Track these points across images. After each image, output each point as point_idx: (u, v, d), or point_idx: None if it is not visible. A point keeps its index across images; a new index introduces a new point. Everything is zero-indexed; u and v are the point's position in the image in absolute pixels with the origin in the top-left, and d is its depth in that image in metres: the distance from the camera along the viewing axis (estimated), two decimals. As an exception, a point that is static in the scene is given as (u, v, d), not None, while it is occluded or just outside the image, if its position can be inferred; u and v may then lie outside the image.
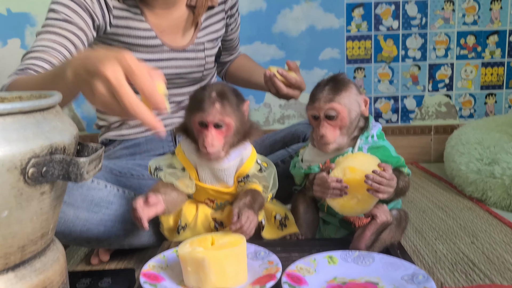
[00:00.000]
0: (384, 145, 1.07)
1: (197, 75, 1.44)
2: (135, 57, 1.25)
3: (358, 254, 0.97)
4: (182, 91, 1.45)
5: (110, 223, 1.12)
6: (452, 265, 1.20)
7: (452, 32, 2.26)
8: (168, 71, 1.38)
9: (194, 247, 0.88)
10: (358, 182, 0.97)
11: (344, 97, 1.03)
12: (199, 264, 0.85)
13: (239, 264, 0.87)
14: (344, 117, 1.03)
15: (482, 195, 1.69)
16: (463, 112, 2.34)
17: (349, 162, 1.00)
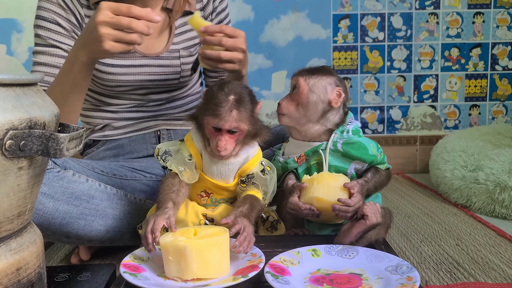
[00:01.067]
0: (359, 141, 1.07)
1: (173, 82, 1.42)
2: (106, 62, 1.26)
3: (342, 247, 0.97)
4: (160, 96, 1.43)
5: (91, 217, 1.10)
6: (437, 265, 1.19)
7: (436, 44, 2.31)
8: (141, 78, 1.36)
9: (176, 237, 0.87)
10: (325, 210, 1.01)
11: (313, 78, 1.07)
12: (181, 253, 0.83)
13: (221, 254, 0.86)
14: (302, 93, 1.06)
15: (467, 201, 1.69)
16: (448, 123, 2.37)
17: (315, 192, 1.02)
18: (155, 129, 1.45)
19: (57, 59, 1.28)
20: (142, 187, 1.38)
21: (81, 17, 1.30)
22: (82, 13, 1.30)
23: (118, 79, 1.34)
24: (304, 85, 1.06)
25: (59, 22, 1.27)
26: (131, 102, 1.42)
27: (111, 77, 1.34)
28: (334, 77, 1.08)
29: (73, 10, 1.28)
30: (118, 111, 1.42)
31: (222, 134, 0.97)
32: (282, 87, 2.32)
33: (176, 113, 1.48)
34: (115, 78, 1.34)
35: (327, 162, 1.07)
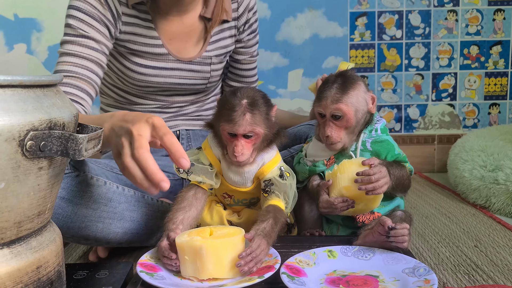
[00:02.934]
0: (387, 139, 1.08)
1: (200, 87, 1.44)
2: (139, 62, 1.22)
3: (358, 248, 0.96)
4: (184, 99, 1.45)
5: (109, 220, 1.11)
6: (455, 267, 1.18)
7: (455, 42, 2.27)
8: (171, 80, 1.38)
9: (192, 237, 0.87)
10: (356, 196, 1.00)
11: (351, 96, 1.03)
12: (197, 253, 0.84)
13: (237, 254, 0.86)
14: (350, 118, 1.03)
15: (485, 202, 1.67)
16: (467, 122, 2.34)
17: (341, 183, 1.01)
18: (175, 129, 1.46)
19: (87, 50, 1.22)
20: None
21: (117, 14, 1.28)
22: (120, 11, 1.28)
23: (148, 80, 1.36)
24: (350, 111, 1.02)
25: (94, 16, 1.24)
26: (155, 103, 1.43)
27: (142, 77, 1.35)
28: (362, 83, 1.06)
29: (110, 6, 1.26)
30: (142, 110, 1.43)
31: (238, 139, 0.96)
32: (298, 85, 2.31)
33: (196, 114, 1.49)
34: (145, 79, 1.36)
35: None
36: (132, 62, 1.33)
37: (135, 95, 1.42)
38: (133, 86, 1.38)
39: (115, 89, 1.44)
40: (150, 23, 1.33)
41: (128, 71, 1.34)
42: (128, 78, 1.36)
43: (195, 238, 0.86)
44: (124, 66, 1.35)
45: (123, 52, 1.33)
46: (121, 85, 1.41)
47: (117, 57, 1.35)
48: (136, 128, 0.82)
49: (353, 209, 1.02)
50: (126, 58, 1.34)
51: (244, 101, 0.95)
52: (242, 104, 0.95)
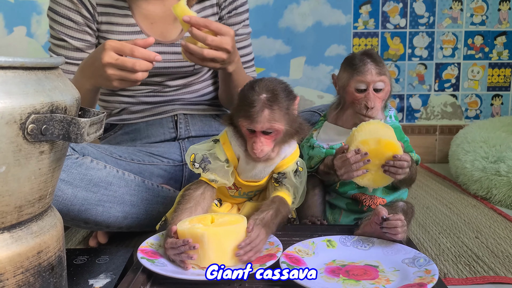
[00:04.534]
0: (399, 126, 1.09)
1: (188, 69, 1.40)
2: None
3: (357, 238, 0.96)
4: (176, 83, 1.42)
5: (109, 204, 1.10)
6: (456, 258, 1.18)
7: (459, 31, 2.25)
8: (156, 65, 1.34)
9: (194, 224, 0.86)
10: (374, 151, 0.96)
11: (387, 70, 1.07)
12: (198, 240, 0.83)
13: (238, 242, 0.86)
14: (388, 90, 1.07)
15: (487, 193, 1.67)
16: (469, 113, 2.32)
17: (358, 137, 0.98)
18: (172, 113, 1.44)
19: (67, 52, 1.30)
20: (160, 172, 1.39)
21: (92, 7, 1.29)
22: (93, 3, 1.29)
23: None
24: (388, 81, 1.06)
25: (70, 17, 1.27)
26: (147, 88, 1.41)
27: None
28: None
29: (84, 2, 1.28)
30: (135, 95, 1.42)
31: (257, 136, 0.92)
32: (300, 73, 2.29)
33: (193, 98, 1.47)
34: None
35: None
36: None
37: None
38: None
39: None
40: (127, 10, 1.31)
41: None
42: None
43: (197, 226, 0.85)
44: None
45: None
46: None
47: None
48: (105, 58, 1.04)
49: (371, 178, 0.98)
50: None
51: (263, 96, 0.90)
52: (261, 99, 0.89)
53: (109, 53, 1.04)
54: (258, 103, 0.90)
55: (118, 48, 1.04)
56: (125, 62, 1.03)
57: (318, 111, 1.31)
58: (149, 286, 0.82)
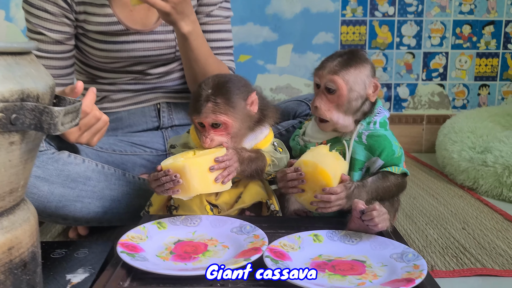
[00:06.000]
0: (384, 135, 1.01)
1: (169, 56, 1.36)
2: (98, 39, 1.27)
3: (344, 233, 0.94)
4: (157, 71, 1.37)
5: (88, 199, 1.06)
6: (443, 249, 1.17)
7: (448, 20, 2.23)
8: (136, 54, 1.31)
9: (176, 158, 0.91)
10: (311, 175, 0.94)
11: (350, 73, 0.98)
12: (181, 172, 0.88)
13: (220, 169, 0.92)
14: (342, 94, 0.97)
15: (473, 184, 1.66)
16: (456, 102, 2.32)
17: (303, 156, 0.96)
18: (154, 102, 1.41)
19: (46, 46, 1.24)
20: (143, 162, 1.35)
21: None
22: None
23: (111, 56, 1.30)
24: (344, 85, 0.97)
25: (46, 8, 1.21)
26: (128, 76, 1.37)
27: (104, 53, 1.29)
28: (369, 66, 1.00)
29: None
30: (116, 83, 1.38)
31: (205, 129, 0.95)
32: (287, 61, 2.26)
33: (175, 86, 1.43)
34: (108, 55, 1.29)
35: (350, 152, 1.02)
36: (92, 39, 1.28)
37: (104, 70, 1.36)
38: (99, 62, 1.33)
39: (84, 67, 1.38)
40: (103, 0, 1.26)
41: (89, 48, 1.30)
42: (93, 56, 1.31)
43: (179, 159, 0.90)
44: (86, 44, 1.30)
45: (83, 32, 1.28)
46: (87, 61, 1.36)
47: (80, 37, 1.30)
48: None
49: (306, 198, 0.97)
50: (87, 36, 1.28)
51: (208, 91, 0.93)
52: (206, 93, 0.93)
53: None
54: (202, 97, 0.93)
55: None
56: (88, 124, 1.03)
57: (305, 100, 1.28)
58: (129, 281, 0.79)
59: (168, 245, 0.90)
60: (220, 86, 0.93)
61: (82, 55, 1.35)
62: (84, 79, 1.41)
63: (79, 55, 1.37)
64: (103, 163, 1.19)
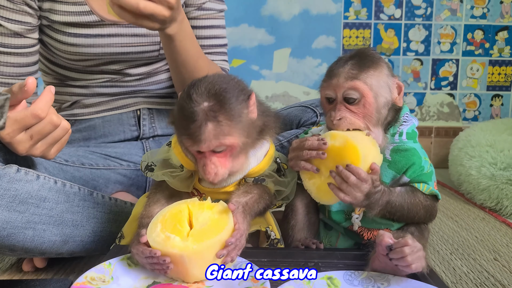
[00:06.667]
0: (413, 148, 0.82)
1: (152, 54, 1.17)
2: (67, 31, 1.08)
3: (367, 274, 0.73)
4: (138, 71, 1.19)
5: (41, 225, 0.85)
6: (477, 287, 0.97)
7: (459, 25, 2.08)
8: (112, 50, 1.12)
9: (168, 236, 0.70)
10: (336, 150, 0.76)
11: (372, 76, 0.79)
12: (177, 260, 0.69)
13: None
14: (369, 102, 0.78)
15: (496, 204, 1.47)
16: (467, 114, 2.15)
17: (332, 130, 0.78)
18: (134, 107, 1.22)
19: (2, 38, 1.04)
20: (118, 178, 1.17)
21: None
22: None
23: (82, 52, 1.10)
24: (368, 91, 0.78)
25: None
26: (103, 77, 1.18)
27: (74, 49, 1.10)
28: (384, 64, 0.82)
29: None
30: (89, 85, 1.19)
31: (206, 157, 0.72)
32: (284, 66, 2.11)
33: (159, 89, 1.25)
34: (79, 51, 1.10)
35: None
36: (59, 32, 1.09)
37: (75, 70, 1.17)
38: (69, 60, 1.14)
39: (52, 66, 1.19)
40: None
41: (58, 44, 1.10)
42: (60, 51, 1.12)
43: (173, 241, 0.69)
44: (52, 38, 1.11)
45: (48, 23, 1.08)
46: (56, 60, 1.17)
47: (44, 29, 1.11)
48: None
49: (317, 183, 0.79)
50: (53, 28, 1.09)
51: (204, 105, 0.69)
52: (202, 110, 0.69)
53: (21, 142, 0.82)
54: (198, 115, 0.69)
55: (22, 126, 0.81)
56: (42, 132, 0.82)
57: (311, 106, 1.09)
58: None
59: (139, 289, 0.70)
60: (218, 97, 0.70)
61: (48, 52, 1.16)
62: (52, 81, 1.22)
63: (44, 52, 1.17)
64: (69, 179, 1.00)
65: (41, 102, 0.80)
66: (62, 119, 0.83)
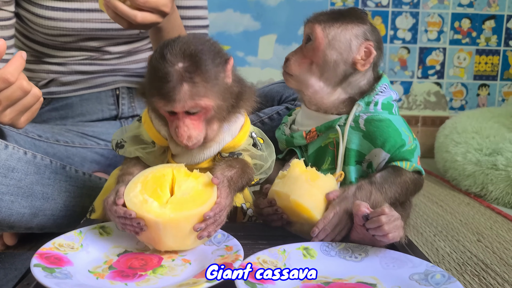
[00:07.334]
0: (388, 119, 0.79)
1: (133, 33, 1.14)
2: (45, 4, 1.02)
3: (344, 245, 0.71)
4: (118, 49, 1.15)
5: (9, 197, 0.82)
6: (460, 266, 0.95)
7: (446, 13, 2.05)
8: (91, 26, 1.09)
9: (146, 199, 0.67)
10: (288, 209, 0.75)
11: (334, 27, 0.79)
12: (152, 226, 0.66)
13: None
14: (317, 48, 0.79)
15: (481, 190, 1.46)
16: (454, 103, 2.13)
17: (275, 185, 0.77)
18: (112, 86, 1.19)
19: None
20: (94, 157, 1.13)
21: None
22: None
23: (61, 27, 1.07)
24: (322, 37, 0.79)
25: None
26: (82, 54, 1.14)
27: (52, 23, 1.06)
28: (364, 26, 0.80)
29: None
30: (67, 63, 1.15)
31: (179, 118, 0.68)
32: (270, 53, 2.06)
33: (139, 69, 1.21)
34: (57, 25, 1.06)
35: (345, 142, 0.80)
36: (36, 4, 1.05)
37: (53, 47, 1.13)
38: (45, 35, 1.10)
39: (28, 42, 1.15)
40: None
41: (34, 17, 1.06)
42: (36, 26, 1.08)
43: (150, 205, 0.66)
44: (28, 11, 1.07)
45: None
46: (32, 36, 1.13)
47: (21, 2, 1.07)
48: None
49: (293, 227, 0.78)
50: (30, 1, 1.06)
51: (179, 65, 0.65)
52: (177, 70, 0.65)
53: None
54: (173, 76, 0.65)
55: None
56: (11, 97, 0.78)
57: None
58: (42, 310, 0.55)
59: (108, 258, 0.67)
60: (194, 57, 0.66)
61: (24, 27, 1.12)
62: (29, 58, 1.18)
63: (21, 27, 1.13)
64: (40, 153, 0.95)
65: (11, 67, 0.76)
66: (33, 86, 0.80)
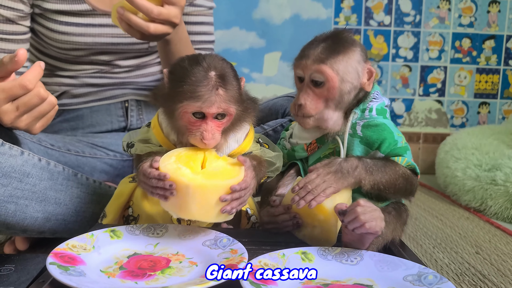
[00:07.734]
0: (383, 123, 0.82)
1: (143, 46, 1.18)
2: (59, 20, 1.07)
3: (340, 250, 0.74)
4: (127, 63, 1.20)
5: (24, 200, 0.85)
6: (458, 276, 0.98)
7: (447, 33, 2.10)
8: (102, 40, 1.13)
9: (180, 166, 0.72)
10: (305, 212, 0.78)
11: (340, 61, 0.79)
12: (181, 190, 0.70)
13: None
14: (333, 87, 0.79)
15: (481, 204, 1.48)
16: (455, 120, 2.16)
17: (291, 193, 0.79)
18: (122, 99, 1.22)
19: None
20: (104, 167, 1.16)
21: None
22: None
23: (73, 41, 1.11)
24: (333, 75, 0.79)
25: None
26: (92, 68, 1.19)
27: (65, 37, 1.11)
28: (358, 49, 0.82)
29: None
30: (78, 76, 1.19)
31: (206, 122, 0.74)
32: (275, 69, 2.10)
33: (147, 82, 1.25)
34: (70, 39, 1.11)
35: (345, 150, 0.83)
36: (50, 19, 1.10)
37: (65, 60, 1.18)
38: (58, 49, 1.14)
39: (42, 56, 1.20)
40: None
41: (48, 31, 1.11)
42: (49, 40, 1.12)
43: (183, 171, 0.71)
44: (43, 26, 1.11)
45: (40, 11, 1.09)
46: (45, 50, 1.18)
47: (36, 18, 1.11)
48: None
49: (306, 234, 0.81)
50: (45, 17, 1.10)
51: (212, 73, 0.72)
52: (211, 76, 0.72)
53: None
54: (209, 81, 0.72)
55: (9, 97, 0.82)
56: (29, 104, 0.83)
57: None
58: (56, 306, 0.58)
59: (119, 259, 0.70)
60: (223, 69, 0.74)
61: (39, 41, 1.16)
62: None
63: (35, 42, 1.18)
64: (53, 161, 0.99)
65: (30, 75, 0.80)
66: (49, 93, 0.84)
